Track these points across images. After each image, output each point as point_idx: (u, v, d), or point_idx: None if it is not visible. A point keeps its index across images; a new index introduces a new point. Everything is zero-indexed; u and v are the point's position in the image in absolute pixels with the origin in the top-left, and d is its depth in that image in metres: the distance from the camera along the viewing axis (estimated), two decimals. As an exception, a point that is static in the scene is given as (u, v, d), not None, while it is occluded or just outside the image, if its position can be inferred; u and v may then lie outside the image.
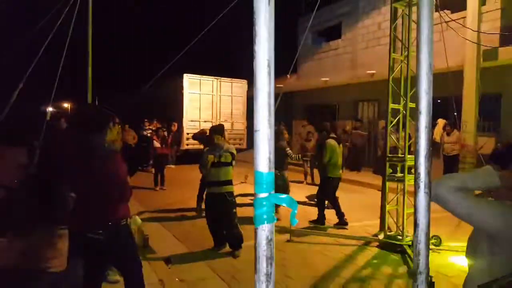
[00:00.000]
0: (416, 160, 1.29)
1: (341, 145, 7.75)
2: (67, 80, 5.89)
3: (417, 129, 1.30)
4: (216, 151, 5.67)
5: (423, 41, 1.28)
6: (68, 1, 5.26)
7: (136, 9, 28.75)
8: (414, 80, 5.09)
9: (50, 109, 6.90)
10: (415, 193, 1.30)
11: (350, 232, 6.63)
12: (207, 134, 7.83)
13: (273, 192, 1.00)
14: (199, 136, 8.33)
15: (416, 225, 1.28)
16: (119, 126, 3.78)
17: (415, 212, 1.29)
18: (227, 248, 5.77)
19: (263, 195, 1.02)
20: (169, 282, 4.52)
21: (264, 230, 1.02)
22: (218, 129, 5.88)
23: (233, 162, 5.72)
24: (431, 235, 5.49)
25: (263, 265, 1.01)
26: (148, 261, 4.92)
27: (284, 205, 1.03)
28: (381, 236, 6.05)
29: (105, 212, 3.04)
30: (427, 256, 1.27)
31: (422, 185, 1.27)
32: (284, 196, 0.99)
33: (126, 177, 3.19)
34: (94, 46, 6.02)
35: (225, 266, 5.19)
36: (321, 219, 7.20)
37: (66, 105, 26.81)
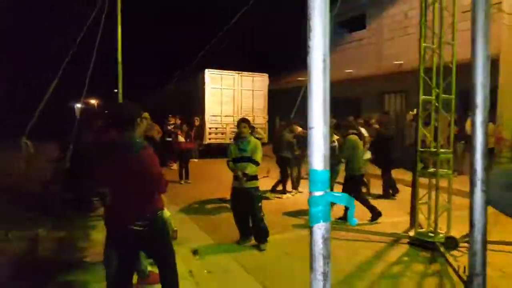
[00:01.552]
0: (472, 156, 1.23)
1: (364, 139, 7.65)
2: (95, 78, 5.99)
3: (473, 124, 1.24)
4: (238, 141, 5.69)
5: (478, 30, 1.21)
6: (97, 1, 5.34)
7: (160, 7, 28.96)
8: (447, 71, 4.89)
9: (80, 105, 7.07)
10: (470, 191, 1.24)
11: (379, 229, 6.51)
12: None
13: (328, 190, 0.97)
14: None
15: (472, 225, 1.22)
16: (148, 121, 3.82)
17: (471, 211, 1.23)
18: (253, 241, 5.78)
19: (318, 193, 0.98)
20: (198, 273, 4.57)
21: (320, 229, 0.99)
22: (246, 120, 5.90)
23: (258, 156, 5.67)
24: (459, 236, 5.35)
25: (319, 264, 0.98)
26: (177, 253, 4.98)
27: (341, 204, 0.99)
28: (411, 233, 5.91)
29: (142, 204, 3.14)
30: (485, 256, 1.21)
31: (479, 183, 1.21)
32: (340, 194, 0.95)
33: (160, 169, 3.26)
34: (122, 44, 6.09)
35: (251, 259, 5.20)
36: (374, 214, 7.02)
37: (93, 101, 27.39)
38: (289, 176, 9.40)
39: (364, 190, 8.79)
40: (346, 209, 5.38)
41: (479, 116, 1.24)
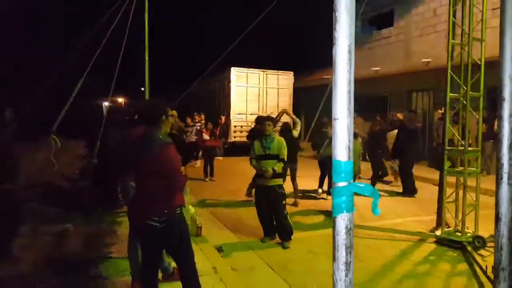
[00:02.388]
0: (498, 150, 1.22)
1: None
2: (122, 76, 6.13)
3: (500, 118, 1.23)
4: (262, 139, 5.70)
5: (507, 23, 1.20)
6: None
7: (186, 6, 29.37)
8: (476, 68, 4.79)
9: (107, 103, 7.24)
10: (496, 185, 1.23)
11: (404, 228, 6.42)
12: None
13: (352, 181, 0.99)
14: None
15: (498, 218, 1.21)
16: (175, 118, 3.88)
17: (497, 205, 1.22)
18: (277, 239, 5.80)
19: (342, 184, 1.00)
20: (222, 270, 4.61)
21: (344, 219, 1.01)
22: (270, 118, 5.89)
23: (284, 154, 5.67)
24: (472, 235, 5.23)
25: (342, 254, 1.00)
26: (201, 250, 5.06)
27: (365, 194, 1.01)
28: (438, 232, 5.81)
29: (161, 201, 3.13)
30: (510, 251, 1.20)
31: (505, 176, 1.19)
32: (363, 185, 0.97)
33: (180, 167, 3.26)
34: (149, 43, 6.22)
35: (275, 257, 5.22)
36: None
37: (120, 99, 27.98)
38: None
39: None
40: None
41: (506, 110, 1.23)
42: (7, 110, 4.66)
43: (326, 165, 8.81)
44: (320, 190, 9.12)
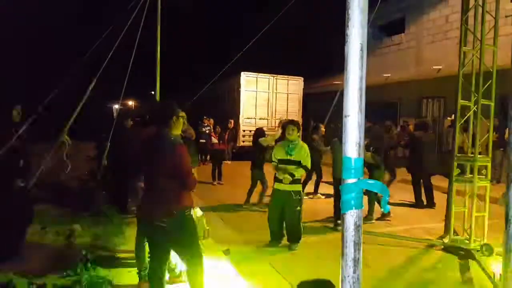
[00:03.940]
0: (509, 155, 1.23)
1: None
2: (133, 79, 6.18)
3: (510, 119, 1.23)
4: (285, 145, 5.68)
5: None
6: (137, 3, 5.53)
7: (196, 11, 29.60)
8: (488, 75, 4.78)
9: (117, 106, 7.32)
10: (507, 188, 1.23)
11: (412, 234, 6.38)
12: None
13: (362, 178, 1.00)
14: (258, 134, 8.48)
15: (507, 220, 1.21)
16: (184, 119, 3.90)
17: (507, 208, 1.22)
18: (284, 242, 5.80)
19: (351, 180, 1.01)
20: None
21: (353, 216, 1.02)
22: (295, 122, 5.87)
23: (308, 161, 5.62)
24: (480, 244, 5.18)
25: (350, 250, 1.01)
26: (207, 253, 5.06)
27: (374, 190, 1.02)
28: (446, 240, 5.76)
29: (170, 201, 3.14)
30: (519, 253, 1.20)
31: (515, 179, 1.20)
32: (373, 181, 0.98)
33: (190, 168, 3.24)
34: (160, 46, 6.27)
35: (282, 261, 5.21)
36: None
37: (131, 102, 28.22)
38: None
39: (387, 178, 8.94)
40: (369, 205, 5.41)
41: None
42: (14, 109, 4.70)
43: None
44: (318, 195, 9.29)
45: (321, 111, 9.10)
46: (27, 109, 5.03)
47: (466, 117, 5.85)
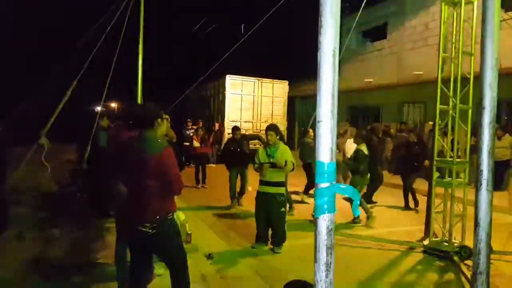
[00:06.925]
0: (478, 157, 1.26)
1: None
2: (114, 81, 6.12)
3: (480, 125, 1.27)
4: (267, 148, 5.81)
5: (488, 35, 1.25)
6: (121, 3, 5.49)
7: (182, 12, 29.51)
8: (465, 81, 4.88)
9: (99, 109, 7.21)
10: (476, 190, 1.26)
11: (393, 237, 6.45)
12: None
13: (334, 182, 1.01)
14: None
15: (476, 223, 1.24)
16: (167, 121, 3.86)
17: (476, 210, 1.25)
18: (268, 246, 5.82)
19: (324, 185, 1.03)
20: (211, 277, 4.59)
21: (325, 220, 1.03)
22: (272, 127, 5.93)
23: (288, 164, 5.67)
24: (459, 245, 5.27)
25: (323, 255, 1.02)
26: (190, 257, 5.03)
27: (346, 195, 1.03)
28: (426, 242, 5.86)
29: (155, 206, 3.08)
30: (488, 255, 1.24)
31: (484, 183, 1.23)
32: (345, 186, 1.00)
33: (177, 171, 3.18)
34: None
35: (265, 265, 5.21)
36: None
37: (113, 104, 27.87)
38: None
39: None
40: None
41: (486, 117, 1.26)
42: None
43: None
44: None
45: (306, 114, 9.20)
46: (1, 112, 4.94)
47: (445, 121, 5.97)
